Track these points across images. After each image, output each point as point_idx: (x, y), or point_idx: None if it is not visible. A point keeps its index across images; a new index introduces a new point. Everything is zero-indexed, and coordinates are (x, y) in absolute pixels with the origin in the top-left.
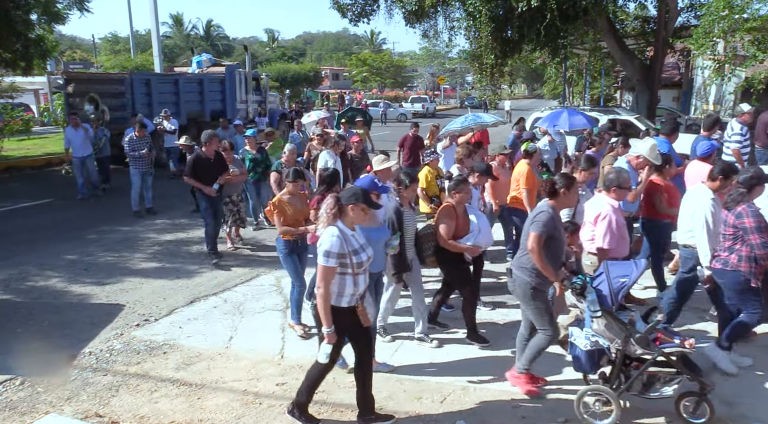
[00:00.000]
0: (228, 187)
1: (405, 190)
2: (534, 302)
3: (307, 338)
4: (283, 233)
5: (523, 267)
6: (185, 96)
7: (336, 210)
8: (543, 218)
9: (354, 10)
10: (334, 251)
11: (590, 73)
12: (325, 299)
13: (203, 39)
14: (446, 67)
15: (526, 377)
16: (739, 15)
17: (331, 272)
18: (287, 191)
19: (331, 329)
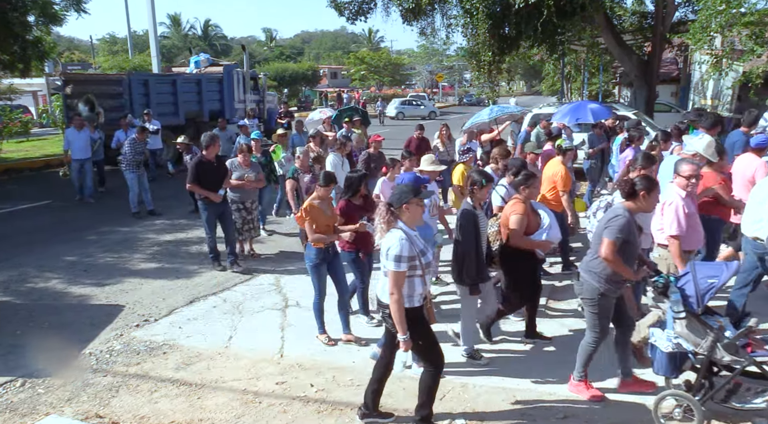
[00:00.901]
0: (242, 194)
1: (479, 191)
2: (598, 306)
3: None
4: (315, 240)
5: (592, 271)
6: (183, 96)
7: (389, 216)
8: (619, 223)
9: (351, 9)
10: (405, 255)
11: (588, 69)
12: (401, 305)
13: (201, 39)
14: (444, 65)
15: (585, 383)
16: (737, 9)
17: (403, 277)
18: (317, 196)
19: (407, 336)
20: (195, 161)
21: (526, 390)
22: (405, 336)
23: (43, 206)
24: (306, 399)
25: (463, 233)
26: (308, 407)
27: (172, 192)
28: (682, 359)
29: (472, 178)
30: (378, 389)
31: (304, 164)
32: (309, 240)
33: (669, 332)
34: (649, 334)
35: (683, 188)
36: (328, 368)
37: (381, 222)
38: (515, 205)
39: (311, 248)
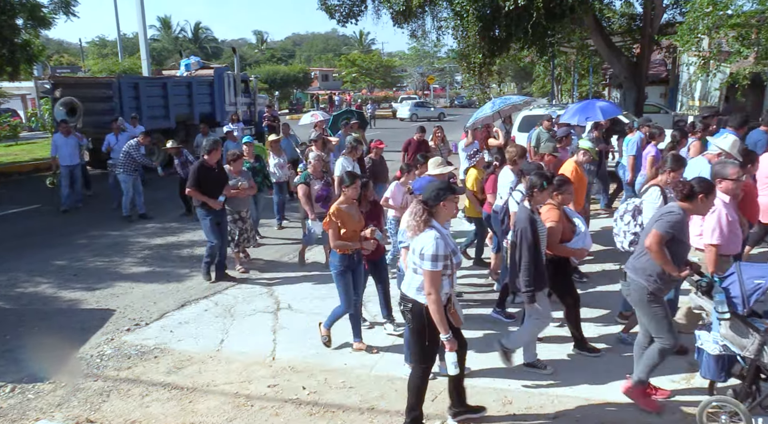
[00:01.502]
0: (236, 202)
1: (540, 194)
2: (651, 307)
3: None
4: (338, 247)
5: (639, 270)
6: (174, 99)
7: (426, 215)
8: (672, 219)
9: (342, 11)
10: (441, 254)
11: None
12: (440, 304)
13: (192, 41)
14: (435, 67)
15: (642, 389)
16: (723, 11)
17: (439, 277)
18: (345, 199)
19: (450, 335)
20: (196, 166)
21: (516, 391)
22: (448, 335)
23: (32, 210)
24: (298, 402)
25: (523, 239)
26: (300, 409)
27: (162, 195)
28: (731, 362)
29: (531, 181)
30: (456, 385)
31: (316, 170)
32: (332, 246)
33: (715, 335)
34: (695, 337)
35: (729, 193)
36: (320, 371)
37: (417, 220)
38: (550, 212)
39: (335, 254)
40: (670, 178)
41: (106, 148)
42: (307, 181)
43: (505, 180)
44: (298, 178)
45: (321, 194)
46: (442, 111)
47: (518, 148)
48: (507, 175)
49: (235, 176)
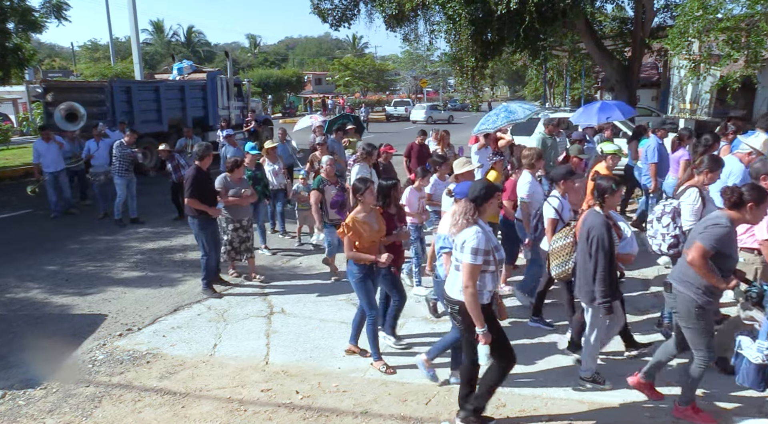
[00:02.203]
0: (237, 211)
1: (611, 197)
2: (697, 322)
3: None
4: (353, 258)
5: (686, 282)
6: (166, 103)
7: (476, 214)
8: (716, 233)
9: (334, 15)
10: (482, 248)
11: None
12: (476, 297)
13: (184, 45)
14: (428, 70)
15: (693, 408)
16: (713, 15)
17: (478, 270)
18: (362, 208)
19: (485, 329)
20: (192, 173)
21: (508, 393)
22: (483, 329)
23: (23, 215)
24: (292, 406)
25: (600, 247)
26: (294, 414)
27: (155, 199)
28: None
29: (601, 185)
30: (471, 391)
31: (330, 174)
32: (346, 256)
33: (761, 343)
34: (736, 342)
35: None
36: (313, 375)
37: (467, 219)
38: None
39: (352, 263)
40: (708, 179)
41: (86, 155)
42: (320, 186)
43: (524, 184)
44: (312, 184)
45: (336, 200)
46: (451, 114)
47: (534, 151)
48: (525, 177)
49: (236, 184)
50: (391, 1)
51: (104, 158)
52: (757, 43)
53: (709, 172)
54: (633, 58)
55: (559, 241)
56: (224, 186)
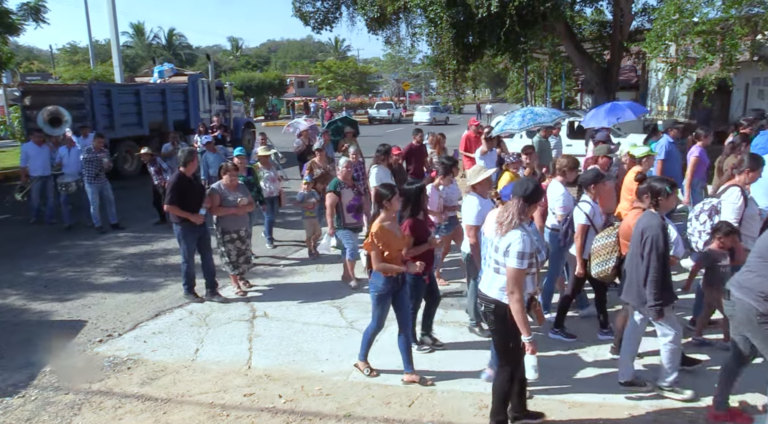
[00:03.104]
0: (233, 221)
1: (666, 200)
2: (763, 329)
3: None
4: (383, 270)
5: (747, 289)
6: (147, 106)
7: (527, 213)
8: None
9: (316, 18)
10: (527, 252)
11: (551, 77)
12: (522, 304)
13: (165, 48)
14: (411, 73)
15: (730, 412)
16: (689, 19)
17: (524, 275)
18: (386, 215)
19: (531, 337)
20: (174, 179)
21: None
22: (530, 337)
23: (1, 221)
24: (274, 410)
25: (654, 248)
26: (277, 418)
27: (135, 204)
28: None
29: (655, 187)
30: (521, 390)
31: (346, 177)
32: (375, 269)
33: None
34: None
35: None
36: (296, 378)
37: (517, 218)
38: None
39: (379, 276)
40: (749, 178)
41: (57, 161)
42: (337, 189)
43: (555, 194)
44: (328, 186)
45: (353, 204)
46: (447, 115)
47: (569, 160)
48: (556, 188)
49: (232, 192)
50: (372, 4)
51: (75, 166)
52: (731, 46)
53: (750, 171)
54: (612, 61)
55: (601, 240)
56: (219, 194)
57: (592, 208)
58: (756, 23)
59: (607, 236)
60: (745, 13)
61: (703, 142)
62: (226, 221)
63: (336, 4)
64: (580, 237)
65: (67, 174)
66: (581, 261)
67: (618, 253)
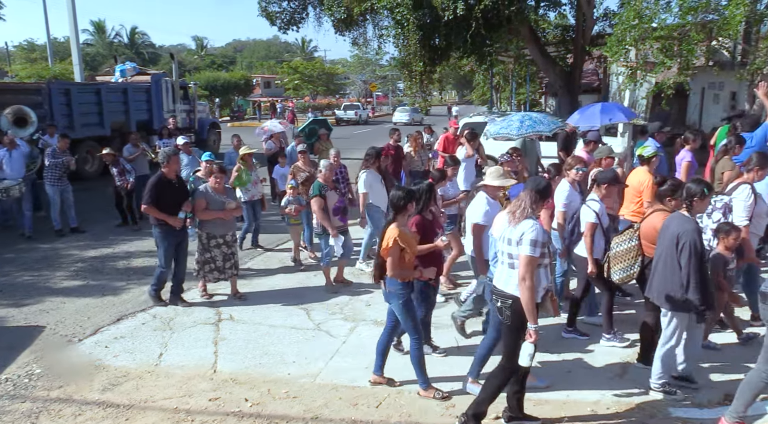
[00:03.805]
0: (221, 226)
1: (700, 202)
2: None
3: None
4: (401, 276)
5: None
6: (108, 106)
7: (538, 206)
8: None
9: (283, 18)
10: (540, 240)
11: (516, 80)
12: (533, 292)
13: (127, 47)
14: (378, 75)
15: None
16: (648, 24)
17: (536, 262)
18: (402, 219)
19: (537, 326)
20: (154, 180)
21: (458, 393)
22: (536, 325)
23: None
24: (241, 414)
25: (693, 252)
26: (243, 422)
27: (96, 206)
28: None
29: (691, 188)
30: (520, 390)
31: (328, 179)
32: (392, 275)
33: None
34: None
35: None
36: (263, 382)
37: (533, 207)
38: (664, 217)
39: (395, 281)
40: (758, 176)
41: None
42: (322, 192)
43: (562, 194)
44: (312, 191)
45: (338, 206)
46: (422, 116)
47: (577, 159)
48: (564, 188)
49: (220, 195)
50: (339, 5)
51: (17, 170)
52: (688, 51)
53: (759, 169)
54: (575, 64)
55: (623, 244)
56: (205, 198)
57: (600, 207)
58: (711, 29)
59: (629, 239)
60: (700, 19)
61: (691, 146)
62: (213, 226)
63: (303, 4)
64: (590, 235)
65: (9, 178)
66: (592, 260)
67: (642, 257)
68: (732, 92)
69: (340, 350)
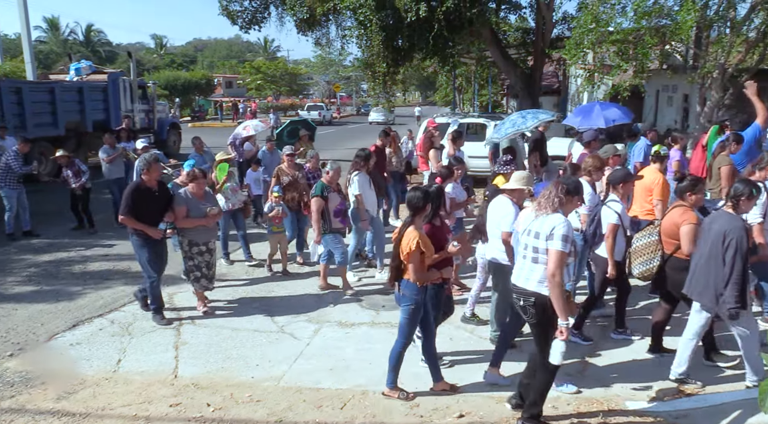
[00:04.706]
0: (204, 233)
1: (747, 202)
2: None
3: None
4: (422, 280)
5: None
6: (63, 105)
7: (563, 199)
8: None
9: (244, 17)
10: (570, 236)
11: (478, 81)
12: (562, 287)
13: (83, 45)
14: (341, 75)
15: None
16: (605, 28)
17: (565, 258)
18: (420, 222)
19: (569, 322)
20: (132, 188)
21: (422, 392)
22: (567, 321)
23: None
24: (202, 420)
25: (738, 249)
26: None
27: (51, 208)
28: None
29: (738, 188)
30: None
31: (333, 181)
32: (413, 279)
33: None
34: None
35: None
36: (225, 386)
37: (555, 198)
38: (686, 214)
39: (413, 286)
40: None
41: None
42: (324, 194)
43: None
44: (314, 191)
45: (340, 208)
46: (393, 117)
47: (596, 160)
48: (586, 190)
49: (200, 201)
50: (302, 5)
51: None
52: (643, 55)
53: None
54: (535, 66)
55: (643, 239)
56: (186, 205)
57: (622, 207)
58: (664, 34)
59: (649, 235)
60: (654, 24)
61: (680, 145)
62: (196, 233)
63: (264, 3)
64: (611, 237)
65: None
66: (613, 262)
67: (661, 252)
68: (685, 95)
69: (305, 352)
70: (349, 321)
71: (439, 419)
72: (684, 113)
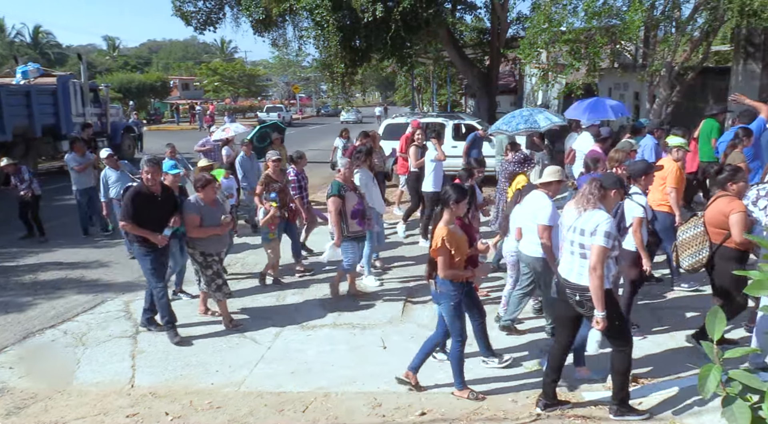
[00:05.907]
0: (217, 242)
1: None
2: None
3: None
4: (451, 277)
5: None
6: (9, 109)
7: (600, 194)
8: None
9: (198, 18)
10: (613, 233)
11: (436, 81)
12: (602, 281)
13: (30, 47)
14: (300, 76)
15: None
16: (558, 28)
17: (607, 253)
18: (451, 218)
19: (605, 313)
20: (132, 192)
21: (383, 393)
22: (603, 313)
23: None
24: None
25: None
26: None
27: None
28: None
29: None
30: (557, 379)
31: (348, 179)
32: (443, 276)
33: None
34: None
35: None
36: (184, 394)
37: (600, 192)
38: (733, 202)
39: (448, 283)
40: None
41: None
42: (341, 193)
43: None
44: (330, 190)
45: (357, 209)
46: (362, 116)
47: (621, 154)
48: None
49: (212, 208)
50: (257, 6)
51: None
52: (594, 54)
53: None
54: (491, 66)
55: (689, 231)
56: (199, 213)
57: (645, 200)
58: (614, 33)
59: (694, 226)
60: (604, 24)
61: (657, 135)
62: (209, 243)
63: (219, 4)
64: (638, 230)
65: None
66: (646, 254)
67: (709, 242)
68: (635, 92)
69: (265, 356)
70: (310, 324)
71: (401, 417)
72: (635, 110)
